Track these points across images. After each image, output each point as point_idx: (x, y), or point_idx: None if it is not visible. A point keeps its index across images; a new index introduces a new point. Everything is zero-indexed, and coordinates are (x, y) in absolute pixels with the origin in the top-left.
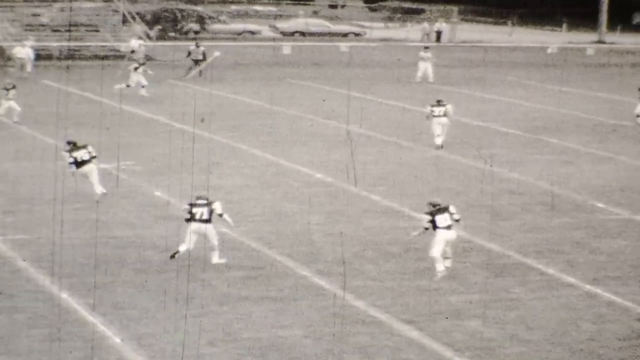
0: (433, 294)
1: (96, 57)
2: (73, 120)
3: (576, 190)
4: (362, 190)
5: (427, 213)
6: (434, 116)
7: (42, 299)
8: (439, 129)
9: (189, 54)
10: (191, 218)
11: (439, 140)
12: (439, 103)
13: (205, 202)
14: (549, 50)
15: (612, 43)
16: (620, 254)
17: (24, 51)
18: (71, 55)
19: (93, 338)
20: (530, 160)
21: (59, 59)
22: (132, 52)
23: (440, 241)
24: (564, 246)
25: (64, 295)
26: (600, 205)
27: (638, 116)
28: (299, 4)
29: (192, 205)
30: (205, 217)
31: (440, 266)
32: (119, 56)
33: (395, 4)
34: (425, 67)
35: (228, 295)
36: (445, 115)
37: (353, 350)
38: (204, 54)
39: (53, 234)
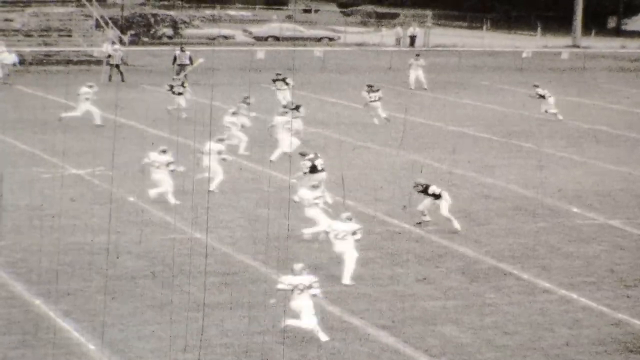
0: (408, 300)
1: (69, 62)
2: (46, 125)
3: (551, 195)
4: (336, 195)
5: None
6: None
7: (15, 305)
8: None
9: (175, 59)
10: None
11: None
12: (371, 88)
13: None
14: (524, 55)
15: (586, 47)
16: (596, 258)
17: (10, 57)
18: (44, 60)
19: (67, 344)
20: (505, 164)
21: (31, 64)
22: (109, 56)
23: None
24: (539, 251)
25: (38, 301)
26: (575, 209)
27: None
28: (273, 8)
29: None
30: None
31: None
32: (92, 61)
33: (369, 9)
34: (417, 74)
35: (202, 301)
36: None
37: (327, 356)
38: (190, 59)
39: (26, 240)
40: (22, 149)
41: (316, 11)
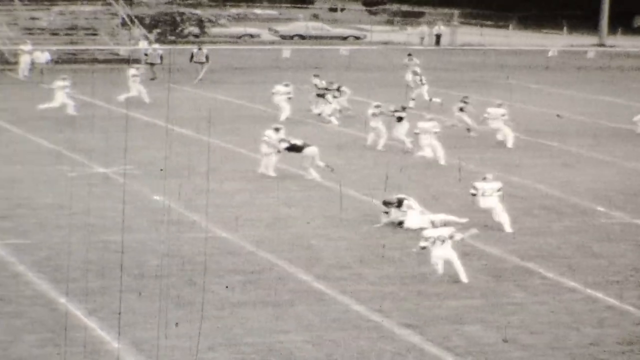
0: (433, 299)
1: (95, 60)
2: (71, 123)
3: (577, 194)
4: (361, 195)
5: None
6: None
7: (40, 303)
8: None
9: (192, 57)
10: None
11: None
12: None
13: None
14: (550, 53)
15: (612, 46)
16: (621, 257)
17: (42, 56)
18: (70, 58)
19: (91, 343)
20: (531, 163)
21: (57, 62)
22: (146, 55)
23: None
24: (564, 250)
25: (63, 300)
26: (601, 209)
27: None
28: (299, 7)
29: None
30: None
31: None
32: (118, 60)
33: (395, 7)
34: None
35: (227, 300)
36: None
37: (353, 355)
38: (207, 57)
39: (51, 239)
40: (47, 147)
41: (342, 10)
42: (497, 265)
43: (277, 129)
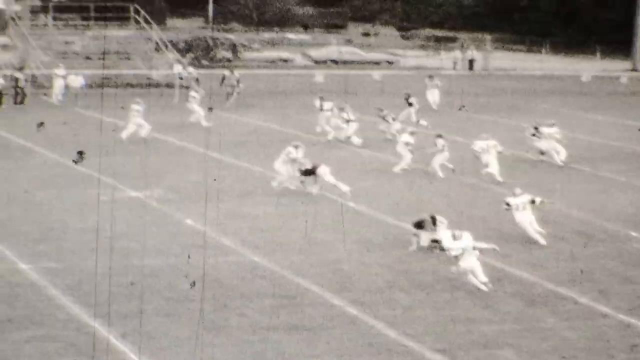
0: (465, 324)
1: (128, 84)
2: (105, 148)
3: (610, 219)
4: (394, 219)
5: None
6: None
7: (73, 327)
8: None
9: (223, 80)
10: None
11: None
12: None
13: None
14: (583, 79)
15: None
16: None
17: (77, 79)
18: (102, 83)
19: None
20: (564, 188)
21: (90, 86)
22: (181, 78)
23: None
24: (597, 275)
25: (95, 323)
26: (634, 234)
27: None
28: (332, 32)
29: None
30: None
31: None
32: (152, 84)
33: (428, 32)
34: (433, 95)
35: (259, 324)
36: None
37: None
38: (237, 81)
39: (84, 262)
40: (79, 171)
41: (375, 35)
42: (529, 290)
43: (296, 147)
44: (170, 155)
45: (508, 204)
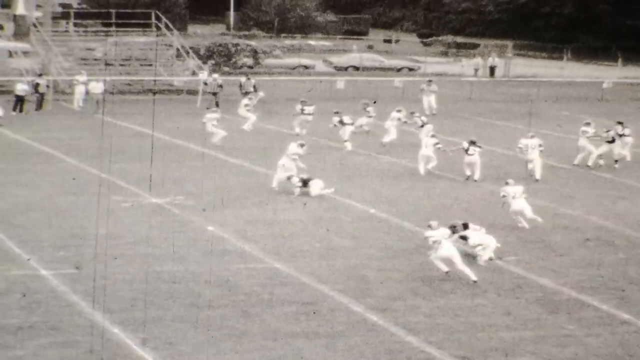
0: (486, 330)
1: (149, 91)
2: (125, 154)
3: (631, 226)
4: (414, 226)
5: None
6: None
7: (94, 333)
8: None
9: (241, 86)
10: None
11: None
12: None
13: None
14: (604, 85)
15: None
16: None
17: (98, 86)
18: (124, 89)
19: None
20: (585, 195)
21: (111, 93)
22: (205, 84)
23: None
24: (618, 282)
25: (115, 330)
26: None
27: None
28: (354, 38)
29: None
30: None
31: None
32: (173, 90)
33: (450, 39)
34: (429, 100)
35: (280, 331)
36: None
37: None
38: (254, 87)
39: (105, 269)
40: (101, 177)
41: (396, 41)
42: (550, 297)
43: (302, 145)
44: (191, 161)
45: (506, 192)
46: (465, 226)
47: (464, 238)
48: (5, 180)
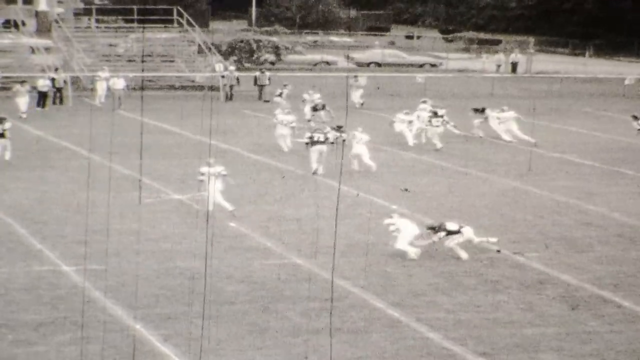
0: (508, 327)
1: (171, 87)
2: (147, 150)
3: None
4: (436, 222)
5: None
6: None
7: (115, 329)
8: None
9: (256, 80)
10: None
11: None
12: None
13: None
14: (626, 82)
15: None
16: None
17: (119, 82)
18: (146, 85)
19: None
20: (607, 192)
21: (133, 89)
22: (222, 77)
23: None
24: None
25: (137, 325)
26: None
27: None
28: (376, 34)
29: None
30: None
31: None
32: (195, 87)
33: (472, 35)
34: (356, 95)
35: (302, 327)
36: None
37: None
38: (269, 80)
39: (126, 265)
40: (123, 173)
41: (418, 37)
42: (572, 294)
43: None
44: (213, 157)
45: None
46: (442, 226)
47: (449, 233)
48: (27, 176)
